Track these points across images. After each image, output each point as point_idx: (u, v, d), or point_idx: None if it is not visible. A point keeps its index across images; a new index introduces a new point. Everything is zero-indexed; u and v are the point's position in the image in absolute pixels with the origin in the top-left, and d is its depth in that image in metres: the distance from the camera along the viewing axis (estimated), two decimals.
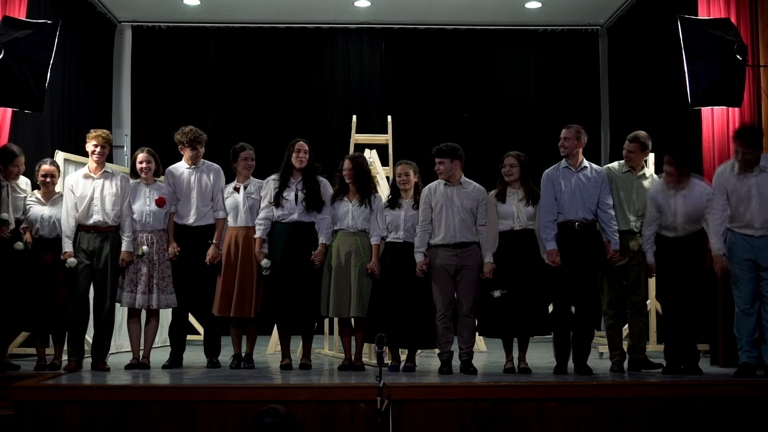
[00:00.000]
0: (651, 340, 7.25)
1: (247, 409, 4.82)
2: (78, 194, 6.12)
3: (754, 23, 6.59)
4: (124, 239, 6.12)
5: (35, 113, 6.72)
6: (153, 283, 6.15)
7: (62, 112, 8.65)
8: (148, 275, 6.15)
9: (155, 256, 6.19)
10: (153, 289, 6.15)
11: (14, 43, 5.95)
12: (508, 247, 5.86)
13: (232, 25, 10.38)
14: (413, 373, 5.92)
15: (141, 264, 6.14)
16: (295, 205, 6.19)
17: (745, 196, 5.65)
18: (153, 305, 6.16)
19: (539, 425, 5.03)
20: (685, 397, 5.14)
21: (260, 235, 6.20)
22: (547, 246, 5.78)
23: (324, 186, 6.32)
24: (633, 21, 9.61)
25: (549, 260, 5.77)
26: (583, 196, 5.90)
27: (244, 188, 6.34)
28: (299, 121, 10.34)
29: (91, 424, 4.93)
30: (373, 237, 6.11)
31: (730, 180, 5.71)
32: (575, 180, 5.97)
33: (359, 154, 6.61)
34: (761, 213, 5.62)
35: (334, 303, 6.06)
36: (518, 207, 5.89)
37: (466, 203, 5.97)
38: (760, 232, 5.63)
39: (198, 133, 6.51)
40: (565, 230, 5.85)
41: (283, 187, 6.24)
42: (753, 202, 5.63)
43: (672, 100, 8.33)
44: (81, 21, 9.18)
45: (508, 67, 10.62)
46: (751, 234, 5.65)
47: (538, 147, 10.34)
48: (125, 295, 6.13)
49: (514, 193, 5.95)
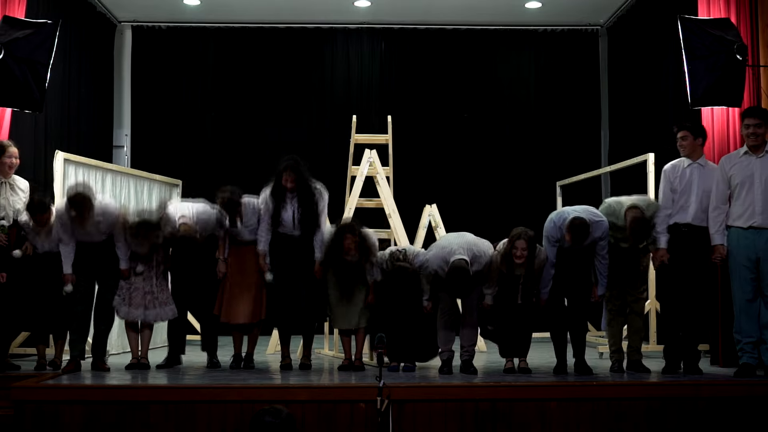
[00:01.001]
0: (651, 341, 7.25)
1: (247, 409, 4.82)
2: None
3: (754, 23, 6.60)
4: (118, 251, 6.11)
5: (35, 113, 6.72)
6: (149, 299, 6.14)
7: (62, 112, 8.64)
8: (143, 291, 6.13)
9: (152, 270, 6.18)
10: (149, 306, 6.14)
11: (14, 43, 5.95)
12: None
13: (232, 25, 10.37)
14: (413, 373, 5.92)
15: (134, 278, 6.13)
16: (293, 225, 6.18)
17: (748, 180, 5.62)
18: (150, 319, 6.18)
19: (539, 425, 5.03)
20: (685, 397, 5.14)
21: (263, 248, 6.20)
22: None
23: (320, 197, 6.26)
24: (633, 21, 9.61)
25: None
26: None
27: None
28: (299, 121, 10.34)
29: (91, 424, 4.93)
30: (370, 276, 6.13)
31: (734, 165, 5.69)
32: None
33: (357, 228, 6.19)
34: (763, 198, 5.58)
35: (340, 316, 6.15)
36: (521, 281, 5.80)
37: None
38: (760, 220, 5.58)
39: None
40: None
41: (279, 208, 6.19)
42: (756, 186, 5.60)
43: (672, 100, 8.32)
44: (81, 21, 9.17)
45: (508, 67, 10.61)
46: (751, 224, 5.59)
47: (538, 147, 10.39)
48: (122, 308, 6.14)
49: (520, 270, 5.73)
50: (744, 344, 5.62)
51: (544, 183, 9.99)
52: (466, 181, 10.15)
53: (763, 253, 5.57)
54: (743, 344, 5.63)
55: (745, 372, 5.53)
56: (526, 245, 5.64)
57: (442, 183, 9.99)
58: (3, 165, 6.10)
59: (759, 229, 5.59)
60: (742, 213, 5.65)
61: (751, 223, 5.61)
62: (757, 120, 5.63)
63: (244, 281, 6.21)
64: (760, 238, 5.59)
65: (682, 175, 5.88)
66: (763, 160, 5.62)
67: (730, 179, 5.69)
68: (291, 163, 6.24)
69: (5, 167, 6.12)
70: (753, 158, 5.64)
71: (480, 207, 9.94)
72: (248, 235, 6.21)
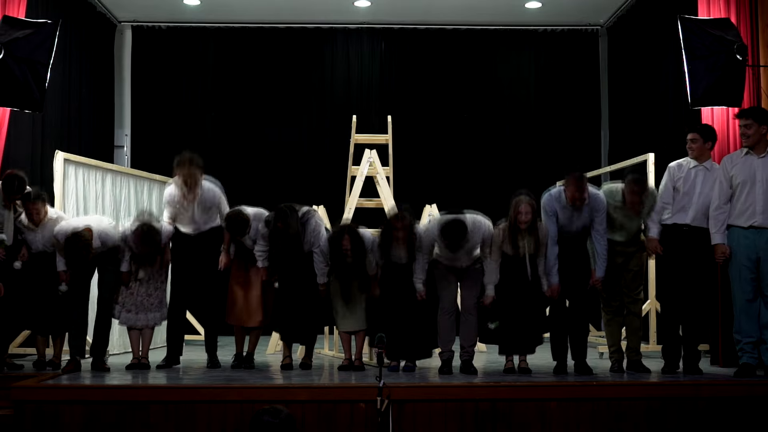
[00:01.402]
0: (651, 341, 7.25)
1: (247, 409, 4.81)
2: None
3: (754, 23, 6.60)
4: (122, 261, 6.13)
5: (35, 113, 6.72)
6: (143, 305, 6.18)
7: (62, 112, 8.65)
8: (136, 297, 6.17)
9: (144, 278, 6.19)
10: (140, 311, 6.18)
11: (14, 43, 5.95)
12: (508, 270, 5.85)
13: (232, 25, 10.37)
14: (413, 373, 5.92)
15: (134, 284, 6.16)
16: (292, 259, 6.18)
17: (749, 179, 5.61)
18: (139, 324, 6.20)
19: (539, 425, 5.03)
20: (685, 397, 5.14)
21: (262, 265, 6.19)
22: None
23: (312, 231, 6.14)
24: (633, 21, 9.61)
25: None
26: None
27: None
28: (299, 122, 10.35)
29: (91, 424, 4.93)
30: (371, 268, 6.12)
31: (736, 165, 5.69)
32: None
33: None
34: (764, 197, 5.57)
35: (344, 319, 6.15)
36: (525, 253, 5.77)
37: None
38: (760, 219, 5.57)
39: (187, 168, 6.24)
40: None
41: (277, 250, 6.13)
42: (757, 186, 5.59)
43: (672, 100, 8.32)
44: (81, 21, 9.17)
45: (508, 67, 10.61)
46: (752, 224, 5.59)
47: (538, 147, 10.39)
48: (122, 315, 6.18)
49: (523, 240, 5.70)
50: (744, 344, 5.62)
51: (544, 183, 9.92)
52: (466, 181, 10.14)
53: (764, 252, 5.57)
54: (743, 344, 5.62)
55: (745, 372, 5.53)
56: (530, 208, 5.65)
57: (442, 183, 9.99)
58: (14, 203, 6.01)
59: (759, 229, 5.59)
60: (742, 212, 5.64)
61: (752, 223, 5.60)
62: (747, 120, 5.64)
63: (249, 281, 6.22)
64: (760, 238, 5.59)
65: (687, 176, 5.89)
66: (764, 161, 5.62)
67: (731, 179, 5.69)
68: (281, 215, 6.03)
69: (14, 205, 6.04)
70: (755, 158, 5.65)
71: (480, 207, 9.75)
72: (251, 243, 6.23)
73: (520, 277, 5.76)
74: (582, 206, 5.78)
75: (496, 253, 5.80)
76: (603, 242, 5.81)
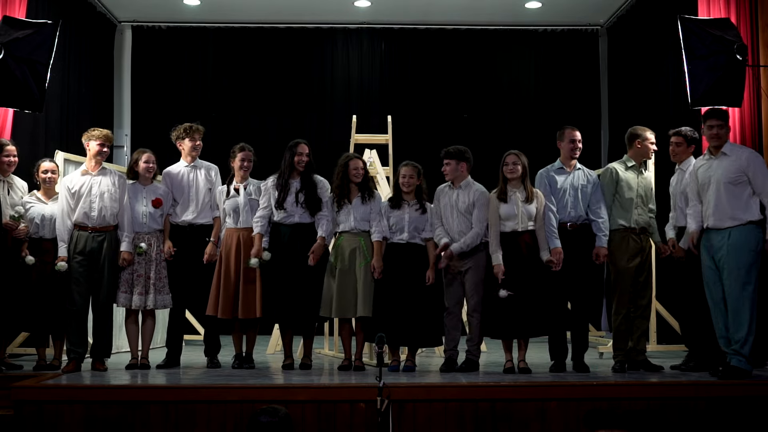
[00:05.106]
0: (651, 341, 7.25)
1: (247, 409, 4.81)
2: (75, 191, 6.10)
3: (754, 23, 6.60)
4: (123, 239, 6.12)
5: (35, 113, 6.72)
6: (150, 284, 6.16)
7: (62, 112, 8.65)
8: (145, 276, 6.16)
9: (152, 256, 6.20)
10: (149, 290, 6.16)
11: (14, 43, 5.95)
12: (513, 248, 5.83)
13: (232, 25, 10.38)
14: (413, 373, 5.92)
15: (137, 265, 6.15)
16: (295, 207, 6.18)
17: (706, 181, 5.62)
18: (149, 305, 6.17)
19: (539, 425, 5.03)
20: (685, 397, 5.14)
21: (260, 230, 6.17)
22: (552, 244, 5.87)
23: (322, 186, 6.31)
24: (633, 21, 9.61)
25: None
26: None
27: (244, 189, 6.32)
28: (299, 121, 10.35)
29: (91, 424, 4.93)
30: (375, 234, 6.10)
31: (701, 167, 5.71)
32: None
33: (359, 156, 6.60)
34: (716, 199, 5.53)
35: (338, 304, 6.05)
36: (520, 208, 5.86)
37: (463, 206, 6.03)
38: (711, 221, 5.53)
39: (194, 124, 6.59)
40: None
41: (285, 189, 6.21)
42: (711, 188, 5.58)
43: (672, 100, 8.32)
44: (81, 21, 9.18)
45: (508, 67, 10.62)
46: (707, 225, 5.57)
47: (538, 147, 10.37)
48: (121, 296, 6.14)
49: (515, 193, 5.91)
50: (723, 344, 5.59)
51: None
52: None
53: (718, 253, 5.52)
54: (722, 344, 5.60)
55: (731, 374, 5.44)
56: (516, 158, 6.00)
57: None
58: (1, 163, 6.12)
59: (713, 230, 5.56)
60: (703, 215, 5.67)
61: (707, 224, 5.62)
62: (719, 121, 5.62)
63: (245, 274, 6.15)
64: (715, 240, 5.55)
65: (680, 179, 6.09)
66: (719, 162, 5.60)
67: (698, 180, 5.72)
68: (303, 141, 6.38)
69: (3, 165, 6.14)
70: (713, 160, 5.65)
71: None
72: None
73: (528, 267, 5.77)
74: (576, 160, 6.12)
75: (493, 214, 5.87)
76: (604, 215, 5.96)
